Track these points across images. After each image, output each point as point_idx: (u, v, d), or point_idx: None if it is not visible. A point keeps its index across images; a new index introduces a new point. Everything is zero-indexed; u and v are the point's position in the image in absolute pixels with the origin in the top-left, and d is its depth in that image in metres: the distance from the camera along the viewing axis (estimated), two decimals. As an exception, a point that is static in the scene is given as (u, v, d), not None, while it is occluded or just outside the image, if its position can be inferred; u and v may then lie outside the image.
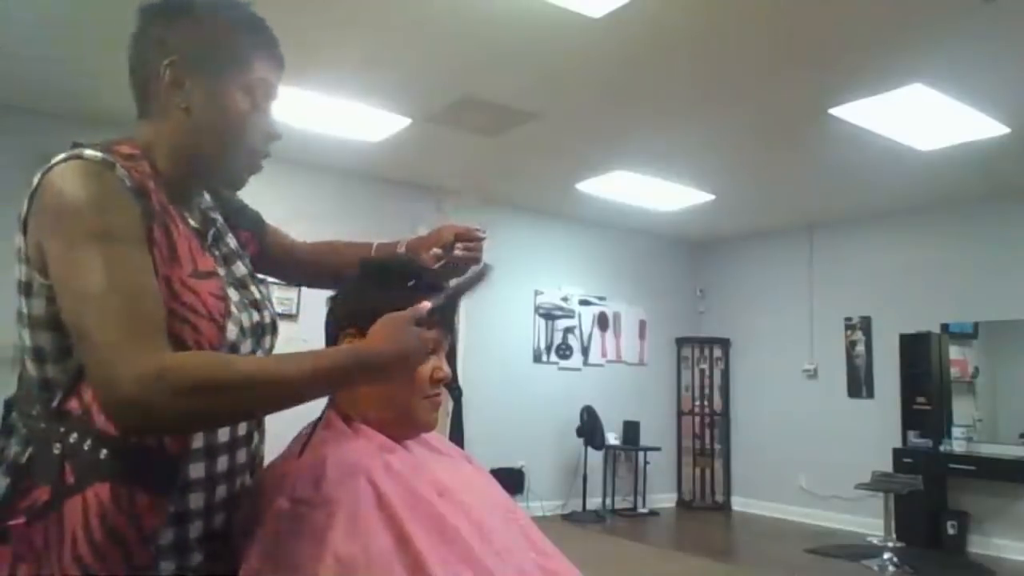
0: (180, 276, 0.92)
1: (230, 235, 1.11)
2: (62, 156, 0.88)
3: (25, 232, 0.89)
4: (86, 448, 0.87)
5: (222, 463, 0.98)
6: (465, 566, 0.97)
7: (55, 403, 0.88)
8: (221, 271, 1.02)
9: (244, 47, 0.98)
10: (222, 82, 0.97)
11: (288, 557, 0.94)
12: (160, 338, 0.83)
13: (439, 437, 1.28)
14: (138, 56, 0.99)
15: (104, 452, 0.86)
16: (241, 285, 1.06)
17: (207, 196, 1.10)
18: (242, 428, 1.02)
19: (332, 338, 1.15)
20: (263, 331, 1.06)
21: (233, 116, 0.98)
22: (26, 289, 0.89)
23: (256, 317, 1.04)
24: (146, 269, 0.87)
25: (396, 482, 1.02)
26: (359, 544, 0.93)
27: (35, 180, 0.88)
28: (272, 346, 1.10)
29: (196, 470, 0.95)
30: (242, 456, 1.02)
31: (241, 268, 1.08)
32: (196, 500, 0.95)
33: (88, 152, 0.88)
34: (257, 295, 1.08)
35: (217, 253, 1.05)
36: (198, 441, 0.95)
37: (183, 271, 0.92)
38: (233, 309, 0.98)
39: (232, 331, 0.96)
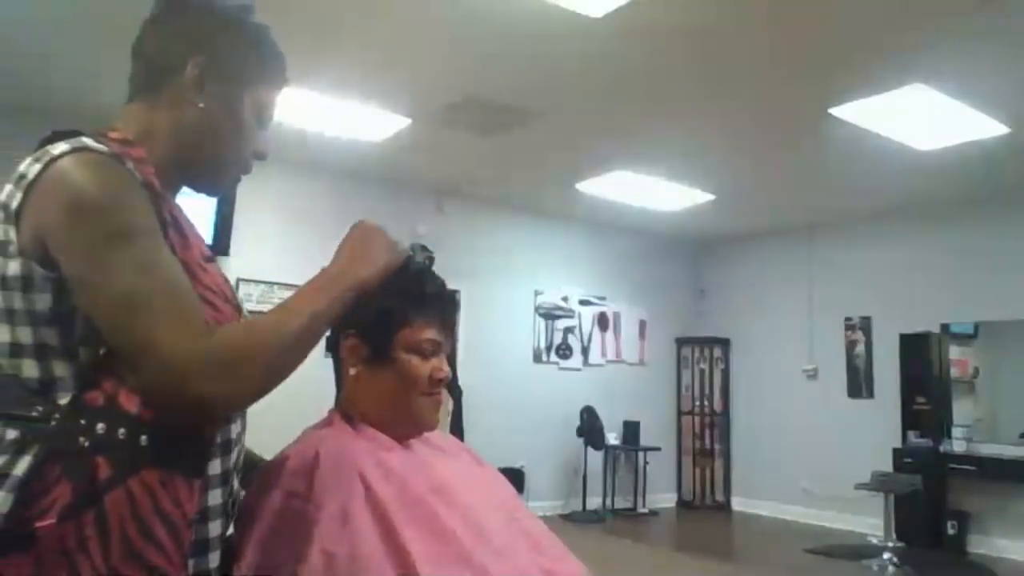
0: (195, 259, 0.94)
1: None
2: (66, 147, 0.86)
3: (18, 224, 0.85)
4: (120, 436, 0.83)
5: (227, 462, 0.97)
6: (459, 565, 0.97)
7: (66, 400, 0.84)
8: None
9: (265, 67, 1.03)
10: (240, 94, 1.01)
11: (279, 550, 0.95)
12: (203, 322, 0.86)
13: (451, 438, 1.30)
14: (161, 42, 0.99)
15: (144, 438, 0.84)
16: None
17: None
18: (235, 429, 0.99)
19: (333, 340, 1.17)
20: None
21: (240, 127, 1.01)
22: (24, 284, 0.84)
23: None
24: (174, 262, 0.88)
25: (390, 480, 1.03)
26: (347, 540, 0.95)
27: (32, 170, 0.85)
28: None
29: (213, 467, 0.94)
30: (234, 457, 1.00)
31: None
32: (215, 497, 0.95)
33: (92, 144, 0.87)
34: None
35: None
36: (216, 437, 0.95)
37: (195, 255, 0.94)
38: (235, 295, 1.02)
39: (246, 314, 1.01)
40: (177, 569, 0.86)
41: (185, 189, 1.06)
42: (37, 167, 0.85)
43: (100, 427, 0.82)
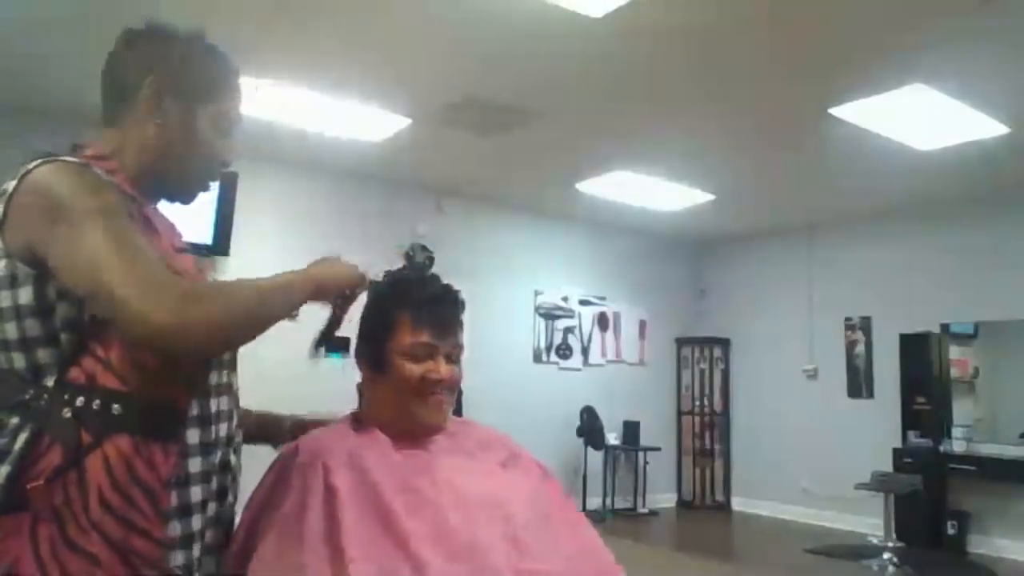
0: (166, 249, 1.04)
1: None
2: (38, 161, 0.97)
3: (2, 233, 0.95)
4: (95, 407, 0.94)
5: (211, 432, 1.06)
6: (404, 560, 1.04)
7: (51, 381, 0.95)
8: None
9: (216, 80, 1.12)
10: (194, 108, 1.10)
11: (257, 527, 1.09)
12: (169, 273, 0.95)
13: (492, 435, 1.34)
14: (121, 69, 1.10)
15: (116, 407, 0.95)
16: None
17: None
18: (224, 403, 1.09)
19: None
20: None
21: (198, 139, 1.10)
22: (10, 282, 0.95)
23: None
24: (142, 239, 0.97)
25: (356, 476, 1.10)
26: (298, 525, 1.04)
27: (10, 185, 0.96)
28: None
29: (191, 436, 1.03)
30: (221, 431, 1.09)
31: None
32: (194, 464, 1.04)
33: (64, 157, 0.99)
34: None
35: None
36: (193, 409, 1.03)
37: (166, 246, 1.05)
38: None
39: None
40: (155, 527, 0.96)
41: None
42: (14, 182, 0.97)
43: (80, 400, 0.94)
